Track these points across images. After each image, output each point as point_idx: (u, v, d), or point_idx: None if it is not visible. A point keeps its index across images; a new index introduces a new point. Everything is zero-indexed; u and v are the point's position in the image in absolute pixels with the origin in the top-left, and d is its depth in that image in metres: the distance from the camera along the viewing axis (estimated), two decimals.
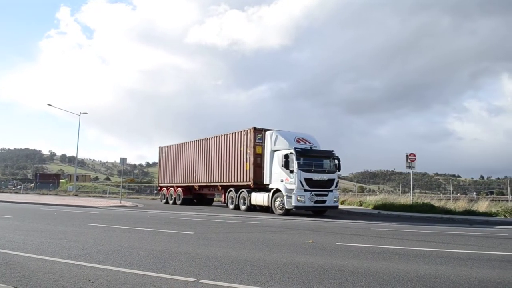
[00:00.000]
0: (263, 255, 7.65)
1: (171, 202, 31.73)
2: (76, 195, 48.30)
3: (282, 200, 20.10)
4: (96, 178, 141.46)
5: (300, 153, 19.83)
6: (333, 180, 20.51)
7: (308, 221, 16.72)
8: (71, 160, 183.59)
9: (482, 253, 8.49)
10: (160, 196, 35.17)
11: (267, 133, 22.30)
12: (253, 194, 22.74)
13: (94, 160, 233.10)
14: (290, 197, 19.51)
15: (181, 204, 30.21)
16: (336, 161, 20.86)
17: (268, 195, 21.23)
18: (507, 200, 29.20)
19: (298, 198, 19.20)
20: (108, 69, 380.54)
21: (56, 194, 51.20)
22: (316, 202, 19.67)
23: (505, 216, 20.31)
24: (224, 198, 26.07)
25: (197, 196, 31.09)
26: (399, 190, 57.34)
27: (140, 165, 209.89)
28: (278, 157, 20.68)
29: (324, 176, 20.27)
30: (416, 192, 47.69)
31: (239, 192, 23.99)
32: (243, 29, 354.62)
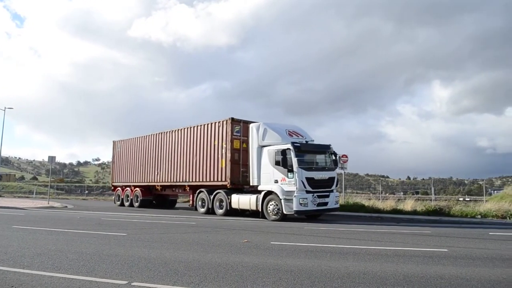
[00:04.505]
0: (197, 255, 7.59)
1: (127, 204, 27.91)
2: None
3: (277, 204, 17.13)
4: (22, 178, 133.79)
5: (299, 149, 17.05)
6: (333, 178, 17.99)
7: (245, 221, 16.79)
8: None
9: (407, 250, 8.94)
10: (114, 198, 31.02)
11: (252, 125, 19.04)
12: (235, 196, 19.36)
13: (20, 158, 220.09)
14: (289, 200, 16.62)
15: (140, 206, 26.52)
16: (333, 157, 18.49)
17: (257, 198, 18.15)
18: (431, 200, 30.93)
19: (301, 202, 16.41)
20: (40, 61, 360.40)
21: None
22: (318, 204, 16.95)
23: (428, 214, 21.50)
24: (192, 199, 22.68)
25: (157, 198, 27.48)
26: None
27: (71, 164, 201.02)
28: (270, 154, 17.77)
29: (325, 175, 17.71)
30: (348, 192, 49.39)
31: (214, 194, 20.48)
32: (190, 25, 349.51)
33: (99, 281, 5.41)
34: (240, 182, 19.71)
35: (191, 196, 22.97)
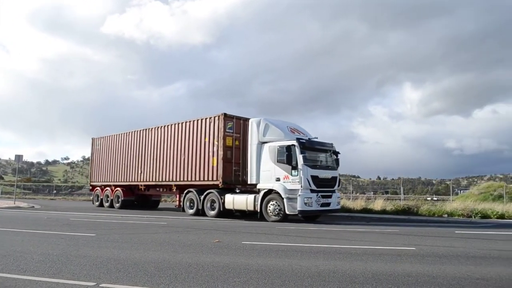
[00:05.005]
0: (168, 256, 7.52)
1: (106, 204, 26.55)
2: None
3: (279, 204, 16.33)
4: None
5: (304, 145, 16.37)
6: (336, 178, 17.54)
7: (216, 221, 16.74)
8: None
9: (377, 248, 9.08)
10: (92, 198, 29.60)
11: (252, 120, 18.16)
12: (229, 196, 18.29)
13: None
14: (292, 199, 15.89)
15: (121, 207, 25.18)
16: (335, 156, 17.92)
17: (255, 198, 17.24)
18: (400, 199, 31.54)
19: (306, 201, 15.72)
20: (9, 57, 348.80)
21: None
22: (322, 205, 16.37)
23: (397, 214, 21.91)
24: (179, 200, 21.46)
25: (139, 198, 26.00)
26: None
27: (39, 163, 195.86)
28: (271, 150, 16.92)
29: (329, 174, 17.17)
30: None
31: (205, 194, 19.29)
32: (165, 23, 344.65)
33: (66, 283, 5.30)
34: (233, 182, 18.88)
35: (177, 196, 21.86)
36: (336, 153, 17.88)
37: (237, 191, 18.72)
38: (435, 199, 38.73)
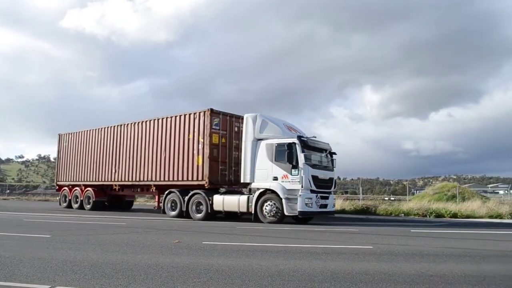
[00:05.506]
0: (126, 257, 7.38)
1: (75, 206, 24.79)
2: None
3: (276, 204, 15.57)
4: None
5: (305, 144, 15.80)
6: (333, 179, 17.17)
7: (176, 221, 16.58)
8: None
9: (336, 247, 9.26)
10: (59, 198, 27.51)
11: (248, 116, 17.09)
12: (218, 197, 17.20)
13: None
14: (292, 200, 15.27)
15: (92, 209, 23.56)
16: (331, 156, 17.41)
17: (249, 198, 16.31)
18: (359, 199, 32.18)
19: (307, 202, 15.17)
20: None
21: None
22: (320, 206, 15.92)
23: (356, 213, 22.40)
24: (158, 201, 20.09)
25: (112, 199, 24.59)
26: None
27: None
28: (269, 148, 16.12)
29: (327, 174, 16.67)
30: None
31: (190, 195, 18.00)
32: (127, 19, 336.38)
33: (19, 286, 5.11)
34: (219, 182, 17.99)
35: (157, 197, 20.51)
36: (333, 153, 17.44)
37: (221, 191, 17.89)
38: (393, 199, 39.81)
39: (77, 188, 25.19)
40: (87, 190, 24.32)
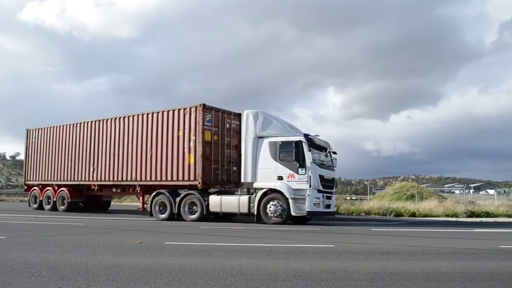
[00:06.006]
0: (86, 258, 7.21)
1: (47, 207, 23.07)
2: None
3: (281, 205, 15.03)
4: None
5: (311, 142, 15.40)
6: (334, 179, 16.83)
7: (138, 221, 16.33)
8: None
9: (298, 246, 9.34)
10: (28, 199, 25.37)
11: (248, 112, 16.38)
12: (214, 198, 16.40)
13: None
14: (299, 200, 14.83)
15: (67, 210, 21.94)
16: (333, 155, 17.00)
17: (250, 198, 15.64)
18: None
19: (315, 202, 14.78)
20: None
21: None
22: (325, 206, 15.54)
23: None
24: (143, 202, 19.16)
25: (88, 199, 23.08)
26: None
27: None
28: (273, 146, 15.55)
29: (330, 174, 16.30)
30: None
31: (183, 196, 17.01)
32: (89, 13, 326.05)
33: None
34: (212, 182, 17.13)
35: (141, 198, 19.39)
36: (334, 152, 17.04)
37: (211, 191, 17.21)
38: (354, 198, 40.56)
39: (49, 188, 23.46)
40: (61, 191, 22.64)
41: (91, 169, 20.93)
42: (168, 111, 17.91)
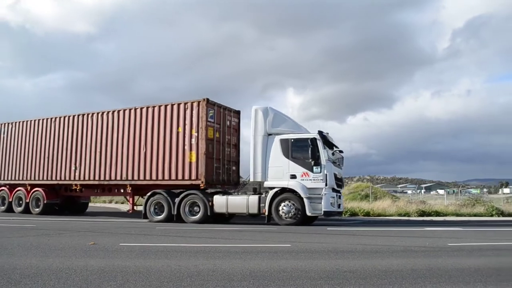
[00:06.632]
0: (36, 261, 6.95)
1: (19, 209, 21.04)
2: None
3: (295, 205, 14.52)
4: None
5: (325, 140, 15.06)
6: (342, 178, 16.45)
7: (93, 222, 15.90)
8: None
9: (255, 246, 9.39)
10: None
11: (258, 108, 15.75)
12: (220, 198, 15.60)
13: None
14: (314, 199, 14.37)
15: (42, 212, 20.15)
16: (341, 154, 16.51)
17: (260, 198, 15.01)
18: None
19: (332, 201, 14.43)
20: None
21: None
22: (338, 206, 15.20)
23: None
24: (133, 203, 18.00)
25: (64, 200, 21.23)
26: None
27: None
28: (285, 144, 15.08)
29: (341, 172, 16.00)
30: None
31: (183, 196, 16.02)
32: (44, 7, 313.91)
33: None
34: (214, 181, 16.29)
35: (131, 199, 18.07)
36: (340, 151, 16.60)
37: (209, 191, 16.18)
38: None
39: (20, 188, 21.37)
40: (36, 191, 20.72)
41: (73, 168, 19.26)
42: (166, 106, 16.83)
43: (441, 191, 71.96)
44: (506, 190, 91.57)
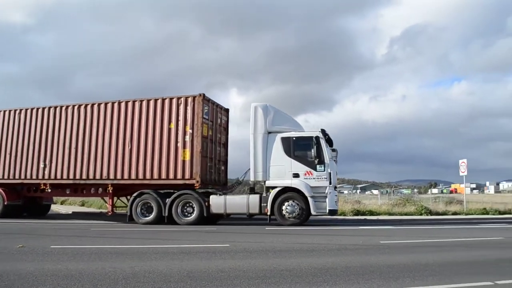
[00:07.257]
0: None
1: None
2: None
3: (299, 204, 14.33)
4: None
5: (327, 138, 14.93)
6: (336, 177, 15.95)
7: (25, 224, 15.10)
8: None
9: (193, 247, 9.31)
10: None
11: (257, 105, 15.32)
12: (217, 198, 14.99)
13: None
14: (318, 198, 14.20)
15: (3, 215, 17.90)
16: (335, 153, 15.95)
17: (262, 198, 14.67)
18: None
19: (336, 199, 14.62)
20: None
21: None
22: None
23: None
24: (112, 205, 16.73)
25: (26, 202, 18.90)
26: None
27: None
28: (287, 142, 14.79)
29: (337, 171, 15.68)
30: None
31: (176, 196, 15.21)
32: None
33: None
34: (207, 181, 15.60)
35: (110, 200, 16.73)
36: (334, 150, 16.00)
37: (199, 191, 15.36)
38: None
39: None
40: None
41: (41, 165, 17.38)
42: (156, 100, 15.86)
43: (375, 191, 74.88)
44: (435, 190, 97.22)
